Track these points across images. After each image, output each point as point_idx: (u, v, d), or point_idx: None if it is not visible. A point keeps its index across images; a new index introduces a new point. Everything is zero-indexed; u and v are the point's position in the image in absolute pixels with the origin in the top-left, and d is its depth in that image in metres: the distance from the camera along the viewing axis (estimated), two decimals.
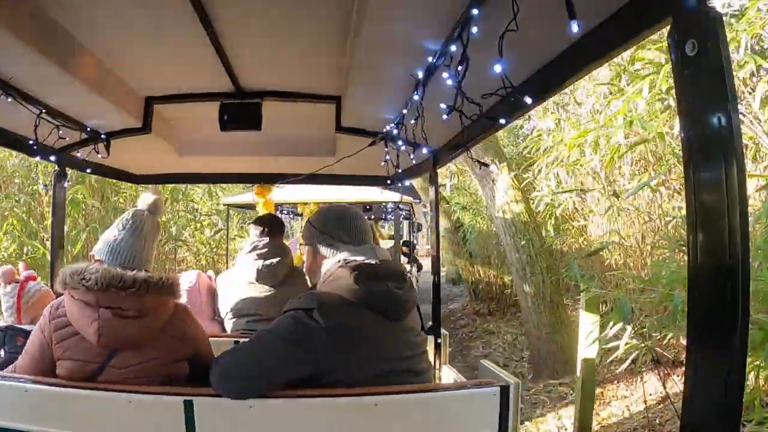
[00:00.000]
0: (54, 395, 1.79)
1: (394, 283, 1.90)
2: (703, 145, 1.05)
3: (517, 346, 8.91)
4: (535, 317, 7.19)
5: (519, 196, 7.62)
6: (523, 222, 7.41)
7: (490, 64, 1.55)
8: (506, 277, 11.16)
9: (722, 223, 0.99)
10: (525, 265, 7.28)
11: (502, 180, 7.65)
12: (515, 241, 7.39)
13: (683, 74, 1.09)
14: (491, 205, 7.74)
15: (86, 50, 2.25)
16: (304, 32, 2.18)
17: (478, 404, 1.87)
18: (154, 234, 2.15)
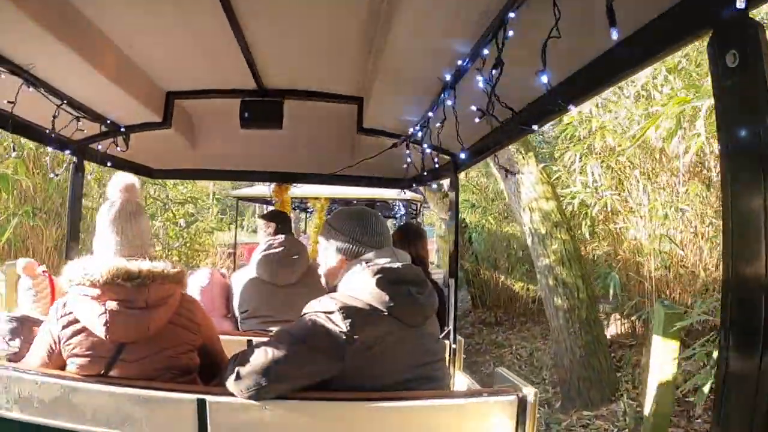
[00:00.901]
0: (66, 389, 1.75)
1: (416, 288, 1.83)
2: (742, 157, 1.02)
3: (535, 364, 7.70)
4: (567, 336, 5.97)
5: (549, 192, 6.40)
6: (554, 223, 6.20)
7: (521, 68, 1.53)
8: (517, 283, 9.97)
9: (759, 237, 0.96)
10: (556, 273, 6.07)
11: (529, 173, 6.44)
12: (545, 244, 6.17)
13: (723, 85, 1.05)
14: (515, 202, 6.52)
15: (109, 42, 2.21)
16: (330, 32, 2.15)
17: (494, 413, 1.77)
18: (139, 215, 2.02)
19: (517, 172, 6.53)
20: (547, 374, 7.19)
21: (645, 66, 1.58)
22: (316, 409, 1.71)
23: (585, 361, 5.91)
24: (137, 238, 1.99)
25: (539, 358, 7.86)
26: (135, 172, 4.14)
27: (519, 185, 6.47)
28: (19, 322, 2.33)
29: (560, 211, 6.36)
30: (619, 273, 6.79)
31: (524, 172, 6.48)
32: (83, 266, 1.87)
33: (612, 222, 6.84)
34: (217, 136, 3.65)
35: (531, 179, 6.42)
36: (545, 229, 6.19)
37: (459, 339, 3.24)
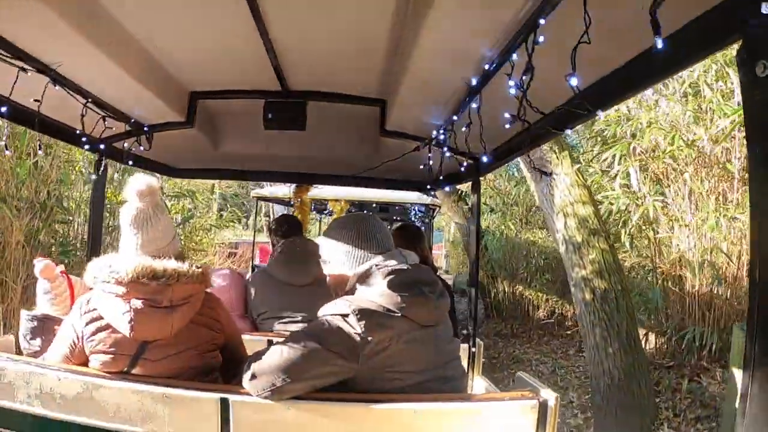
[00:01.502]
0: (88, 386, 1.75)
1: (428, 288, 1.83)
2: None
3: (559, 384, 7.00)
4: (604, 357, 5.28)
5: (586, 196, 5.73)
6: (591, 230, 5.53)
7: (550, 71, 1.52)
8: (536, 294, 9.30)
9: None
10: (594, 286, 5.39)
11: (564, 174, 5.78)
12: (581, 254, 5.50)
13: (753, 95, 1.03)
14: (547, 206, 5.85)
15: (135, 41, 2.17)
16: (355, 33, 2.13)
17: (514, 417, 1.74)
18: (157, 216, 1.97)
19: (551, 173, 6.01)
20: (574, 396, 6.51)
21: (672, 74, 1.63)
22: (339, 410, 1.70)
23: (624, 385, 5.22)
24: (157, 239, 1.96)
25: (563, 377, 7.17)
26: (156, 171, 4.21)
27: (552, 188, 5.81)
28: (39, 321, 2.31)
29: (598, 217, 5.69)
30: (659, 287, 6.14)
31: (558, 173, 5.82)
32: (109, 264, 1.86)
33: (651, 230, 6.16)
34: (239, 136, 3.57)
35: (566, 181, 5.75)
36: (581, 236, 5.52)
37: (479, 342, 3.15)
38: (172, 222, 2.13)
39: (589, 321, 5.41)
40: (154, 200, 2.03)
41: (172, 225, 2.10)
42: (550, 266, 9.14)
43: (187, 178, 5.12)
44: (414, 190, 5.24)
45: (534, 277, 9.22)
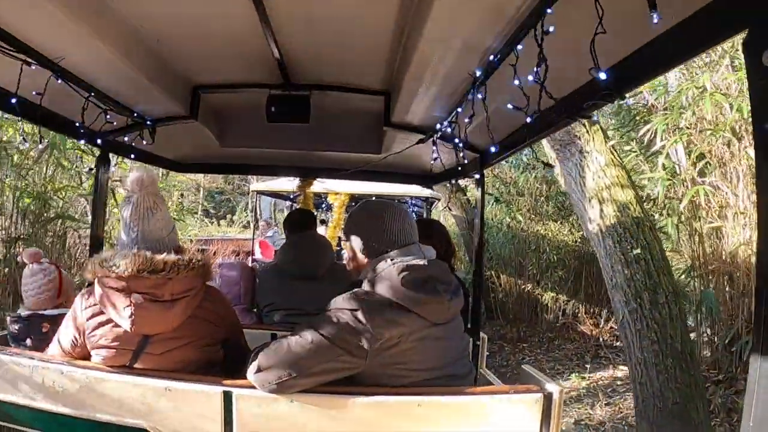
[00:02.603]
0: (91, 380, 1.75)
1: (443, 285, 1.77)
2: None
3: (583, 399, 5.94)
4: (655, 376, 4.22)
5: (625, 178, 4.67)
6: (634, 219, 4.47)
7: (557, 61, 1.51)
8: (546, 293, 8.23)
9: None
10: (640, 289, 4.32)
11: (596, 153, 4.71)
12: (623, 249, 4.42)
13: (759, 85, 1.01)
14: (576, 190, 4.78)
15: (138, 35, 2.18)
16: (359, 25, 2.11)
17: (519, 411, 1.73)
18: (156, 209, 1.95)
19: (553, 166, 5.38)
20: (604, 415, 5.45)
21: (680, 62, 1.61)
22: (342, 403, 1.66)
23: (679, 410, 4.16)
24: (159, 229, 1.94)
25: (587, 390, 6.11)
26: (160, 166, 4.18)
27: (583, 168, 4.72)
28: (24, 321, 2.30)
29: (641, 203, 4.63)
30: (708, 287, 5.09)
31: (589, 151, 4.74)
32: (109, 258, 1.83)
33: (698, 219, 5.10)
34: (243, 130, 3.53)
35: (599, 161, 4.69)
36: (622, 227, 4.45)
37: (482, 336, 3.12)
38: (169, 215, 2.06)
39: (635, 331, 4.33)
40: (154, 191, 1.99)
41: (169, 218, 2.03)
42: (563, 262, 8.07)
43: (191, 172, 5.06)
44: (418, 184, 4.99)
45: (544, 275, 8.14)
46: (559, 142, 4.85)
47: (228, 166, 4.62)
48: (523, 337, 8.42)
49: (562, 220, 8.19)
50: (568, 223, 8.08)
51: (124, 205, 1.97)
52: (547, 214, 8.28)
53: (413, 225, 1.92)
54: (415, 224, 1.93)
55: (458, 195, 9.68)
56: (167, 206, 2.08)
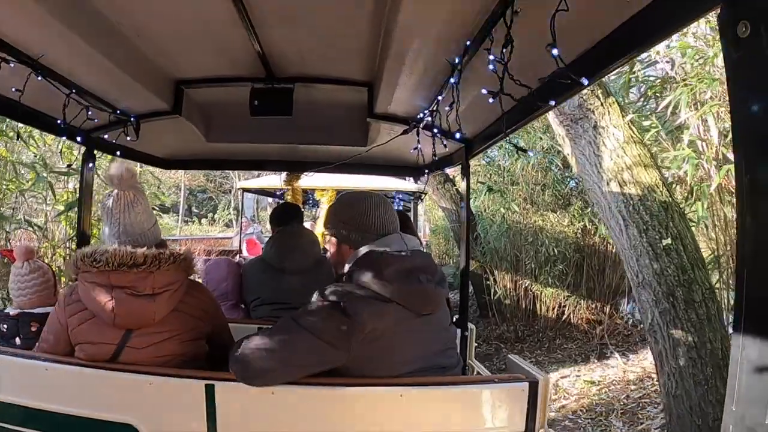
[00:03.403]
0: (74, 375, 1.74)
1: (426, 276, 1.74)
2: (755, 132, 0.95)
3: (595, 407, 5.26)
4: (692, 387, 3.53)
5: (648, 158, 3.98)
6: (662, 204, 3.78)
7: (536, 45, 1.46)
8: (545, 289, 7.54)
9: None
10: (672, 285, 3.63)
11: (613, 128, 4.02)
12: (649, 238, 3.73)
13: (734, 57, 0.99)
14: (591, 171, 4.09)
15: (118, 30, 2.13)
16: (338, 16, 2.08)
17: (505, 399, 1.72)
18: (136, 203, 1.94)
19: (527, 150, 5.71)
20: (621, 426, 4.77)
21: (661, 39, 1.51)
22: (325, 394, 1.66)
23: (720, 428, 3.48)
24: (137, 225, 1.93)
25: (598, 396, 5.44)
26: (145, 162, 4.08)
27: (599, 146, 4.03)
28: (13, 321, 2.29)
29: (668, 186, 3.94)
30: None
31: (605, 126, 4.05)
32: (90, 254, 1.82)
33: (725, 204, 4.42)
34: (228, 125, 3.44)
35: (618, 137, 4.00)
36: (649, 213, 3.76)
37: (471, 327, 3.07)
38: (150, 209, 2.03)
39: (667, 335, 3.64)
40: (134, 184, 1.97)
41: (150, 212, 2.01)
42: (562, 255, 7.38)
43: (177, 169, 4.91)
44: (404, 176, 4.93)
45: (543, 269, 7.44)
46: (570, 117, 4.15)
47: (214, 161, 4.42)
48: (521, 336, 7.74)
49: (561, 210, 7.49)
50: (567, 213, 7.38)
51: (104, 201, 1.95)
52: (545, 203, 7.57)
53: (393, 214, 1.88)
54: (395, 214, 1.90)
55: (447, 186, 8.98)
56: (148, 200, 2.03)
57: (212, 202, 30.83)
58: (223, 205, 29.66)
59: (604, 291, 7.54)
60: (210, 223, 28.55)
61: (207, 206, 30.94)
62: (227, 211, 28.25)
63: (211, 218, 29.07)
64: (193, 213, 30.58)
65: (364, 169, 4.35)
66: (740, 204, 0.97)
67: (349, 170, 4.32)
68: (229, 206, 28.61)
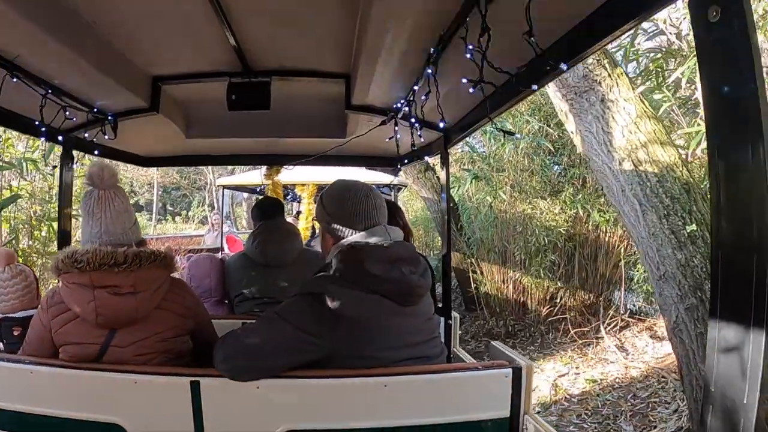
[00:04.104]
0: (59, 377, 1.72)
1: (408, 267, 1.73)
2: (726, 114, 0.96)
3: (602, 411, 4.78)
4: None
5: (662, 134, 3.49)
6: (682, 186, 3.28)
7: (512, 31, 1.46)
8: (536, 282, 7.06)
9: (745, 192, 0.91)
10: (701, 278, 3.14)
11: (624, 101, 3.52)
12: (671, 224, 3.24)
13: (705, 41, 0.99)
14: (601, 150, 3.58)
15: (91, 28, 2.09)
16: (313, 9, 2.06)
17: (489, 386, 1.74)
18: (116, 201, 1.92)
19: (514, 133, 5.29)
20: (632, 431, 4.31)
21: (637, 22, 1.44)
22: (309, 387, 1.66)
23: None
24: (118, 224, 1.90)
25: (601, 396, 4.97)
26: (124, 160, 4.04)
27: (608, 122, 3.52)
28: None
29: (687, 167, 3.44)
30: None
31: (614, 100, 3.55)
32: (71, 255, 1.81)
33: None
34: (207, 121, 3.40)
35: (629, 112, 3.50)
36: (669, 196, 3.26)
37: (454, 315, 3.00)
38: (130, 207, 2.00)
39: (695, 335, 3.15)
40: (115, 184, 1.96)
41: (130, 210, 1.98)
42: (554, 245, 6.91)
43: (157, 166, 4.74)
44: (384, 166, 4.92)
45: (533, 260, 6.96)
46: (573, 89, 3.63)
47: (194, 157, 4.34)
48: (512, 331, 7.27)
49: (552, 197, 7.01)
50: (558, 200, 6.89)
51: (85, 200, 1.91)
52: (534, 190, 7.08)
53: (379, 206, 1.84)
54: (382, 205, 1.86)
55: (428, 175, 8.45)
56: (128, 199, 2.02)
57: (187, 199, 29.98)
58: (197, 201, 28.84)
59: (597, 281, 7.09)
60: (184, 221, 27.76)
61: (181, 203, 30.10)
62: (202, 207, 27.48)
63: (185, 216, 28.24)
64: (167, 211, 29.78)
65: (343, 161, 4.25)
66: (713, 186, 0.96)
67: (329, 162, 4.13)
68: (203, 203, 27.88)
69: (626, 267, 6.88)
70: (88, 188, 1.94)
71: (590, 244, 7.12)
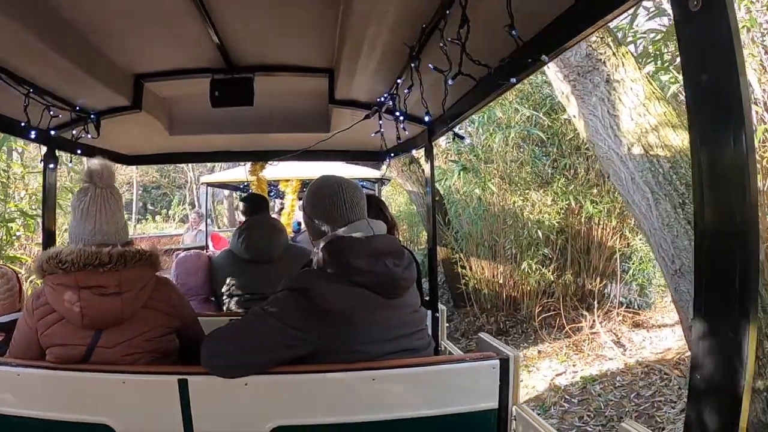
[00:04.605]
0: (46, 378, 1.72)
1: (393, 260, 1.73)
2: (708, 107, 0.93)
3: (606, 413, 4.51)
4: (761, 409, 2.78)
5: (674, 116, 3.20)
6: None
7: (493, 24, 1.47)
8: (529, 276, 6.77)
9: (728, 184, 0.87)
10: None
11: (631, 82, 3.24)
12: (687, 214, 2.96)
13: (686, 30, 0.96)
14: (607, 136, 3.28)
15: (72, 27, 2.07)
16: (295, 4, 2.03)
17: (477, 377, 1.74)
18: (111, 202, 1.90)
19: (464, 137, 4.72)
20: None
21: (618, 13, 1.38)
22: (298, 382, 1.66)
23: None
24: (111, 224, 1.88)
25: (607, 399, 4.70)
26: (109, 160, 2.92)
27: (614, 104, 3.22)
28: None
29: None
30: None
31: (620, 80, 3.26)
32: (55, 255, 1.78)
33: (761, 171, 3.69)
34: (191, 118, 3.34)
35: (638, 93, 3.21)
36: (684, 183, 2.98)
37: (441, 308, 3.03)
38: (123, 209, 1.99)
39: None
40: (112, 183, 1.94)
41: (123, 212, 1.98)
42: (546, 238, 6.63)
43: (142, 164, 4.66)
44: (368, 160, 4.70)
45: (525, 254, 6.66)
46: (576, 69, 3.33)
47: (178, 155, 4.30)
48: (504, 328, 6.99)
49: (544, 188, 6.72)
50: (550, 191, 6.61)
51: (80, 197, 1.88)
52: (525, 181, 6.79)
53: (360, 202, 1.83)
54: (362, 199, 1.85)
55: (413, 168, 8.14)
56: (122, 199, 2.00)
57: (167, 198, 29.35)
58: (178, 199, 28.26)
59: (591, 274, 6.84)
60: (164, 220, 27.18)
61: (162, 202, 29.46)
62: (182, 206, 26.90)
63: (165, 214, 27.65)
64: (147, 210, 29.14)
65: (328, 156, 4.21)
66: (695, 175, 0.93)
67: (314, 158, 4.09)
68: (184, 201, 27.31)
69: (621, 259, 6.64)
70: (85, 185, 1.90)
71: (583, 237, 6.87)
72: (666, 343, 5.74)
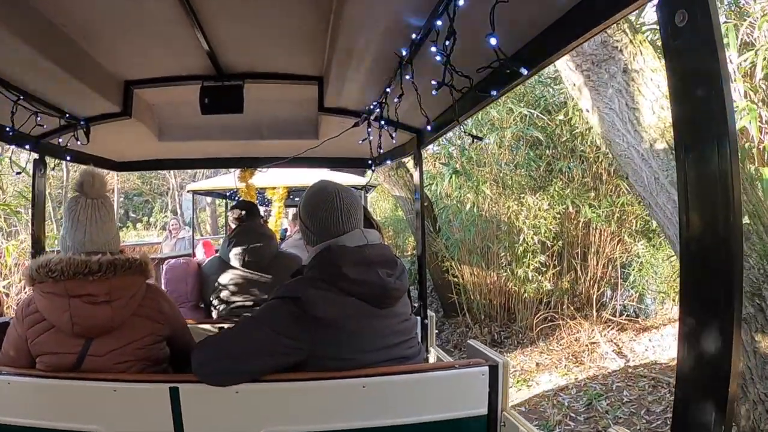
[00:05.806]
0: (38, 387, 1.70)
1: (385, 270, 1.72)
2: (694, 118, 0.96)
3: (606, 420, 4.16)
4: None
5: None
6: None
7: (480, 37, 1.44)
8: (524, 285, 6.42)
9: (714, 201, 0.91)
10: (758, 281, 2.53)
11: (650, 72, 2.91)
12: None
13: (673, 45, 0.99)
14: (625, 131, 2.94)
15: (62, 33, 2.05)
16: (286, 12, 2.04)
17: (467, 384, 1.73)
18: (104, 210, 1.90)
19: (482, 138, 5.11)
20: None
21: (602, 27, 1.37)
22: (288, 391, 1.65)
23: None
24: (103, 234, 1.87)
25: (616, 416, 4.35)
26: (98, 166, 3.60)
27: (633, 97, 2.89)
28: None
29: None
30: None
31: (639, 70, 2.93)
32: (45, 264, 1.77)
33: None
34: (180, 125, 3.35)
35: (659, 84, 2.87)
36: None
37: (431, 315, 3.04)
38: (115, 217, 1.98)
39: (751, 349, 2.54)
40: (103, 192, 1.93)
41: (115, 221, 1.95)
42: (543, 244, 6.29)
43: (131, 171, 4.24)
44: (358, 167, 4.82)
45: (520, 261, 6.32)
46: (590, 58, 2.99)
47: (167, 161, 4.27)
48: (499, 339, 6.63)
49: (540, 192, 6.39)
50: (546, 195, 6.28)
51: (71, 205, 1.88)
52: (519, 185, 6.46)
53: (356, 212, 1.80)
54: (359, 209, 1.83)
55: (400, 172, 7.79)
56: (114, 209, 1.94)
57: (149, 205, 28.70)
58: (159, 206, 27.64)
59: (588, 282, 6.52)
60: (145, 228, 26.54)
61: (144, 209, 28.80)
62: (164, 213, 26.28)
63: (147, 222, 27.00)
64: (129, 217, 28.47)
65: (317, 163, 4.18)
66: (680, 183, 0.95)
67: (303, 164, 4.10)
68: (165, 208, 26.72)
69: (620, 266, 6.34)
70: (75, 194, 1.89)
71: (581, 243, 6.55)
72: (670, 353, 5.43)
